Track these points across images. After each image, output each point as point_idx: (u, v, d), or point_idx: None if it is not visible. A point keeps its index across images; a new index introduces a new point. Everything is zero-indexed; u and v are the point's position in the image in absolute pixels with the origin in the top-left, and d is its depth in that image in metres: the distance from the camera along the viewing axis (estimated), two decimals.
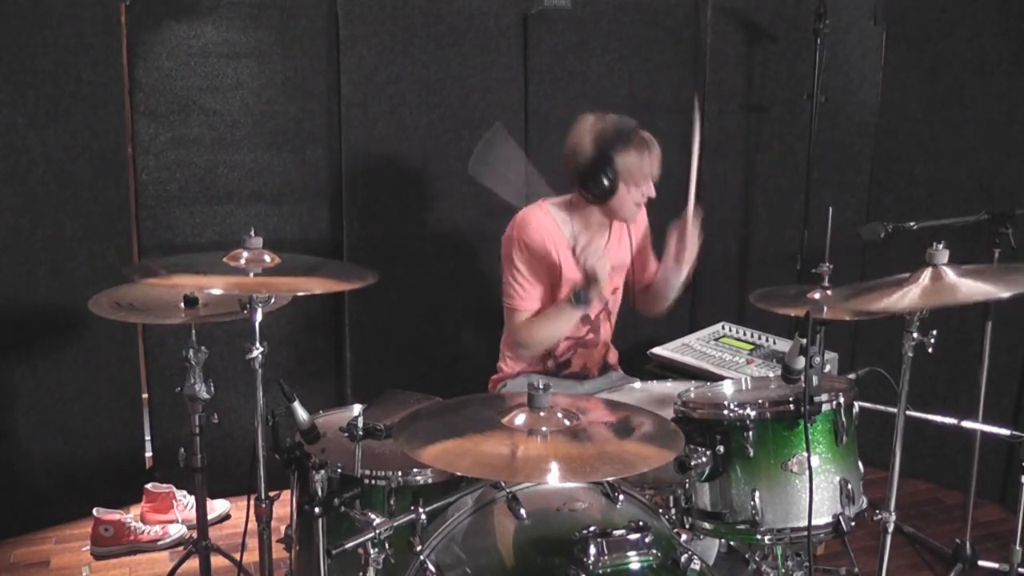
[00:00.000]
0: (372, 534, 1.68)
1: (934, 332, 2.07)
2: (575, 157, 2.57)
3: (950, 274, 2.00)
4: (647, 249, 2.92)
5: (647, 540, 1.62)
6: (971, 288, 1.95)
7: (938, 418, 2.49)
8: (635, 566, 1.61)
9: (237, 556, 2.57)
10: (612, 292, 2.80)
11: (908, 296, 1.97)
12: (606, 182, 2.53)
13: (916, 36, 3.62)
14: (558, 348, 2.74)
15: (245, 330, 2.10)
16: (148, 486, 3.25)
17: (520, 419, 1.68)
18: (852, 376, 2.22)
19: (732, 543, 2.47)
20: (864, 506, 2.05)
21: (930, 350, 2.10)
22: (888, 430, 2.18)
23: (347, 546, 1.67)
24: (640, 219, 2.86)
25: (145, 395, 3.47)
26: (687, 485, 2.03)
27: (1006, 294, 1.91)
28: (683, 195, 2.61)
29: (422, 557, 1.73)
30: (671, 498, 2.06)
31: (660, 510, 1.99)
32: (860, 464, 2.07)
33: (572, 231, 2.68)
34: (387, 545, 1.71)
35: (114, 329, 3.21)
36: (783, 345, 2.96)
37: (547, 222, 2.65)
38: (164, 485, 3.26)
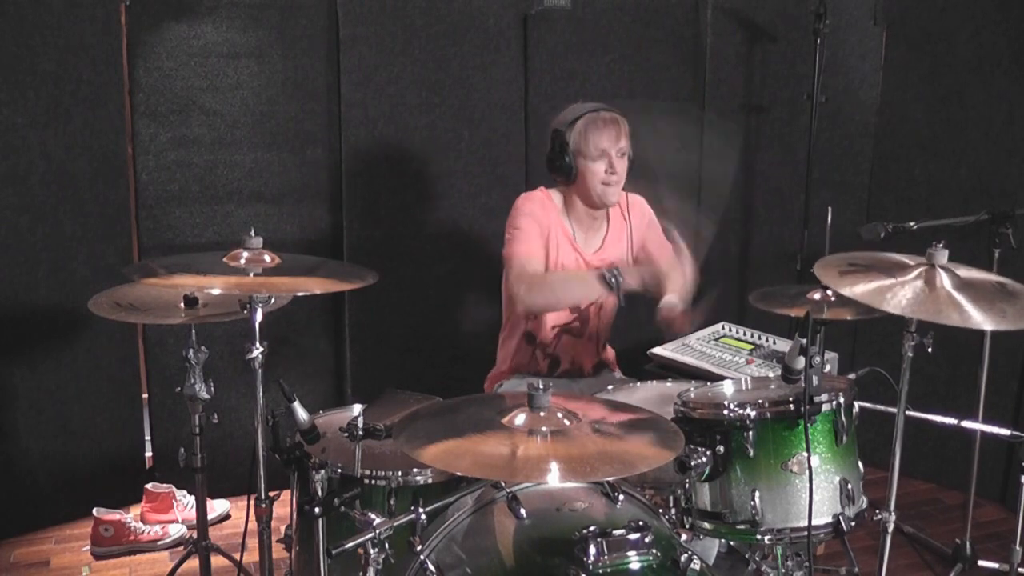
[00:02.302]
0: (372, 534, 1.68)
1: (932, 332, 2.07)
2: (546, 147, 2.69)
3: (947, 283, 1.97)
4: (656, 240, 2.90)
5: (647, 540, 1.62)
6: (962, 313, 1.90)
7: (938, 418, 2.49)
8: (635, 566, 1.61)
9: (237, 556, 2.57)
10: None
11: (897, 296, 1.95)
12: (564, 159, 2.61)
13: (916, 36, 3.62)
14: (546, 336, 2.74)
15: (245, 330, 2.10)
16: (148, 486, 3.25)
17: (520, 419, 1.68)
18: (852, 376, 2.22)
19: (732, 543, 2.47)
20: (864, 506, 2.05)
21: (929, 350, 2.11)
22: (888, 430, 2.18)
23: (347, 546, 1.67)
24: (643, 212, 2.85)
25: (145, 395, 3.47)
26: (687, 485, 2.03)
27: (989, 327, 1.89)
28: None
29: (422, 557, 1.73)
30: (671, 498, 2.06)
31: (660, 510, 1.99)
32: (860, 464, 2.07)
33: (570, 222, 2.70)
34: (387, 545, 1.70)
35: (114, 329, 3.21)
36: (783, 345, 2.95)
37: (546, 202, 2.70)
38: (164, 485, 3.26)
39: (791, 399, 1.94)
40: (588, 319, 2.78)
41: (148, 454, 3.52)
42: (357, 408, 2.27)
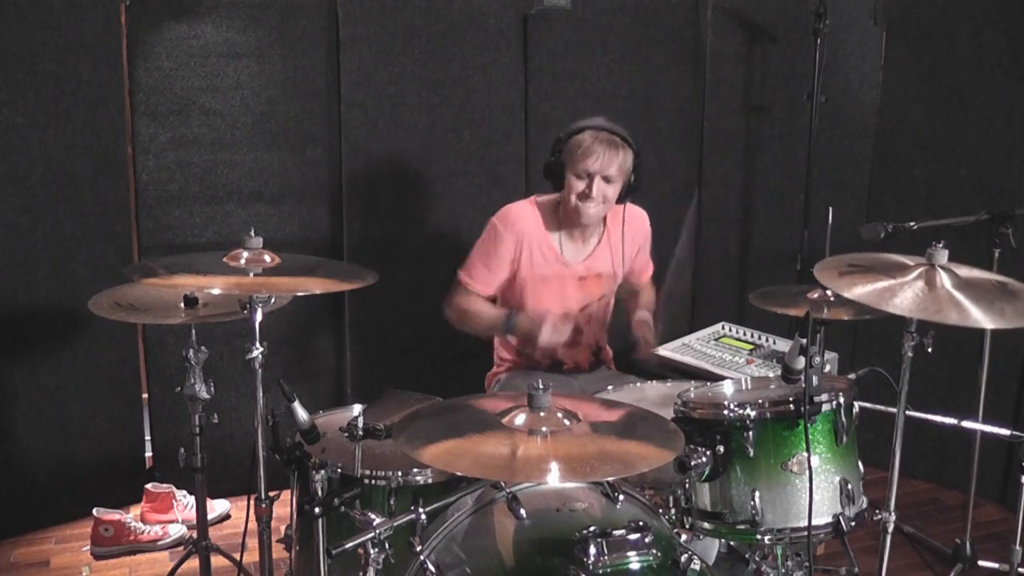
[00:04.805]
0: (372, 534, 1.68)
1: (932, 332, 2.07)
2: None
3: (947, 283, 1.96)
4: (643, 259, 2.93)
5: (647, 540, 1.62)
6: (962, 312, 1.89)
7: (938, 418, 2.49)
8: (635, 566, 1.61)
9: (237, 556, 2.57)
10: (599, 299, 2.82)
11: (898, 297, 1.95)
12: (556, 167, 2.64)
13: (916, 36, 3.62)
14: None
15: (245, 330, 2.10)
16: (148, 486, 3.25)
17: (520, 419, 1.68)
18: (852, 376, 2.22)
19: (732, 543, 2.47)
20: (864, 506, 2.05)
21: (929, 350, 2.11)
22: (888, 430, 2.18)
23: (347, 546, 1.67)
24: (641, 227, 2.86)
25: (145, 395, 3.47)
26: (687, 485, 2.03)
27: (990, 326, 1.89)
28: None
29: (422, 557, 1.73)
30: (671, 498, 2.06)
31: (660, 510, 1.99)
32: (860, 464, 2.07)
33: (558, 232, 2.72)
34: (387, 545, 1.71)
35: (114, 329, 3.21)
36: (783, 345, 2.95)
37: (528, 215, 2.72)
38: (164, 485, 3.25)
39: (791, 399, 1.95)
40: (580, 329, 2.80)
41: (148, 454, 3.52)
42: (357, 408, 2.28)
